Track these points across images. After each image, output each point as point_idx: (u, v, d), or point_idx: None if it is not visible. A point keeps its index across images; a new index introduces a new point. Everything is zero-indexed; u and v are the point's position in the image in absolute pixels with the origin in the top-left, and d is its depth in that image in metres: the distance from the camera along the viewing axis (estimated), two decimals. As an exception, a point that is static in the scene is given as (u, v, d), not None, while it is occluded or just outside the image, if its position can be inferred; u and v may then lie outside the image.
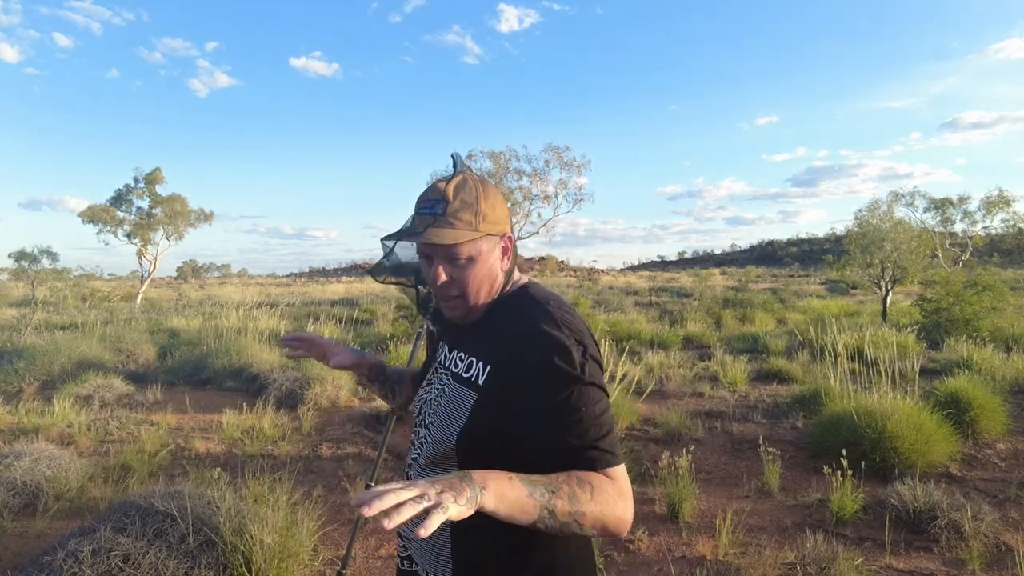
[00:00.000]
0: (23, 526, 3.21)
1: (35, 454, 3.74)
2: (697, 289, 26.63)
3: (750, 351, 9.23)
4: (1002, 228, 23.86)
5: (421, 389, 1.13)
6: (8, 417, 5.21)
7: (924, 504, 3.18)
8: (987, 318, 9.37)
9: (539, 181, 18.79)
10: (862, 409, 4.17)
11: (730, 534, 2.99)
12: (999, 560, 2.84)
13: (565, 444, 0.87)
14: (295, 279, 63.52)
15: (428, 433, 1.03)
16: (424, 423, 1.06)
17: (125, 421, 5.21)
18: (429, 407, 1.06)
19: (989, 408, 4.70)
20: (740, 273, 44.84)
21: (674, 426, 4.86)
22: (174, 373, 7.41)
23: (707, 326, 12.56)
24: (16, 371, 6.92)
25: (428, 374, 1.15)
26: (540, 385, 0.89)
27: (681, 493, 3.39)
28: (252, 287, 28.28)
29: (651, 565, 2.88)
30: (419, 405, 1.10)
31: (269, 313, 10.18)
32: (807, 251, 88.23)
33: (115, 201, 20.55)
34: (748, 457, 4.38)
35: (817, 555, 2.75)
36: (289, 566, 2.61)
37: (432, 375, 1.12)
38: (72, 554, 2.34)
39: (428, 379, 1.13)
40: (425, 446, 1.03)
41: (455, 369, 1.03)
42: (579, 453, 0.87)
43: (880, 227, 14.40)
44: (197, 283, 43.94)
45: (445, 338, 1.13)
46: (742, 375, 7.04)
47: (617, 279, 42.86)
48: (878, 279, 14.60)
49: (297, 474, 3.95)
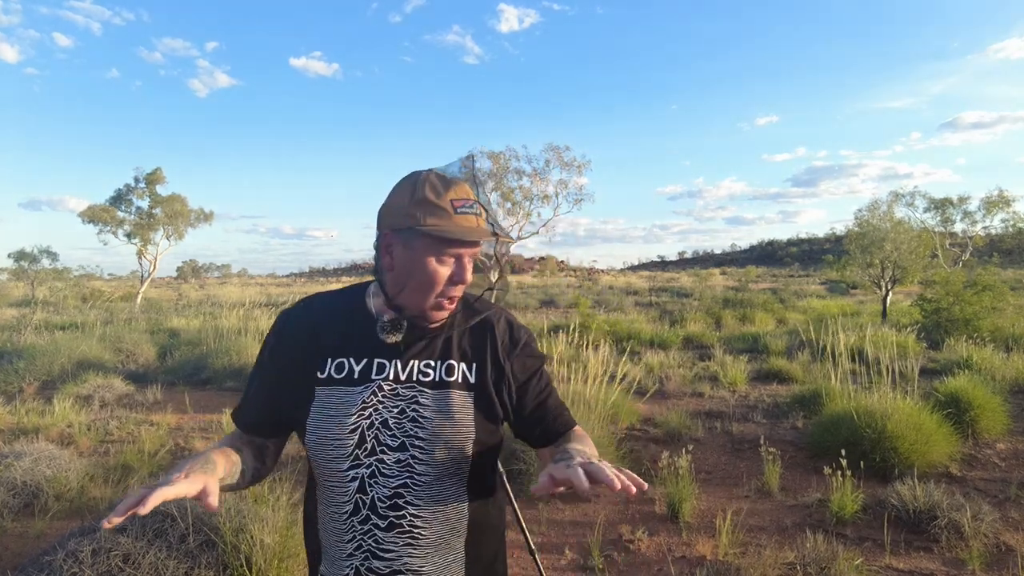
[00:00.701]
0: (23, 526, 3.21)
1: (35, 454, 3.74)
2: (697, 289, 26.65)
3: (750, 351, 9.24)
4: (1002, 228, 23.85)
5: (347, 415, 0.95)
6: (8, 417, 5.21)
7: (924, 504, 3.17)
8: (987, 318, 9.37)
9: (539, 181, 18.77)
10: (862, 409, 4.17)
11: (730, 534, 2.99)
12: (999, 560, 2.84)
13: (561, 408, 1.07)
14: (295, 279, 63.53)
15: (418, 450, 0.95)
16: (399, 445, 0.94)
17: (125, 421, 5.21)
18: (403, 424, 0.95)
19: (989, 408, 4.70)
20: (740, 273, 44.86)
21: (674, 426, 4.86)
22: (174, 373, 7.41)
23: (707, 326, 12.56)
24: (16, 371, 6.92)
25: (348, 399, 0.97)
26: (536, 362, 1.07)
27: (681, 493, 3.39)
28: (252, 287, 28.30)
29: (651, 565, 2.88)
30: (367, 428, 0.95)
31: (269, 313, 10.18)
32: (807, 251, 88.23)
33: (115, 201, 20.54)
34: (748, 457, 4.38)
35: (817, 555, 2.75)
36: (289, 566, 2.61)
37: (364, 395, 0.96)
38: (72, 554, 2.34)
39: (359, 401, 0.96)
40: (418, 464, 0.94)
41: (424, 379, 0.98)
42: (567, 413, 1.08)
43: (880, 227, 14.41)
44: (197, 283, 43.94)
45: (380, 352, 0.99)
46: (742, 375, 7.04)
47: (617, 279, 42.86)
48: (878, 279, 14.61)
49: (297, 474, 3.95)
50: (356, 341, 1.00)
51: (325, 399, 0.97)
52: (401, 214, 0.95)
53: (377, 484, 0.94)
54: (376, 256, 1.02)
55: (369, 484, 0.94)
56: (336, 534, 0.96)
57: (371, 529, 0.94)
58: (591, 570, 2.82)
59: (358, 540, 0.95)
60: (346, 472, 0.94)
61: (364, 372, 0.98)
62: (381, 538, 0.94)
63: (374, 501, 0.94)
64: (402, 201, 0.96)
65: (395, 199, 0.97)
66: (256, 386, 1.06)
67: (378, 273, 1.02)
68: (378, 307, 1.03)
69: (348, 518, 0.95)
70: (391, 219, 0.97)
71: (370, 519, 0.94)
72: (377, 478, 0.94)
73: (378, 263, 1.01)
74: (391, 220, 0.97)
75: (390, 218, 0.97)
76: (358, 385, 0.97)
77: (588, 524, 3.29)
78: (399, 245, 0.96)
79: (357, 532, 0.95)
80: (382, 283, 1.01)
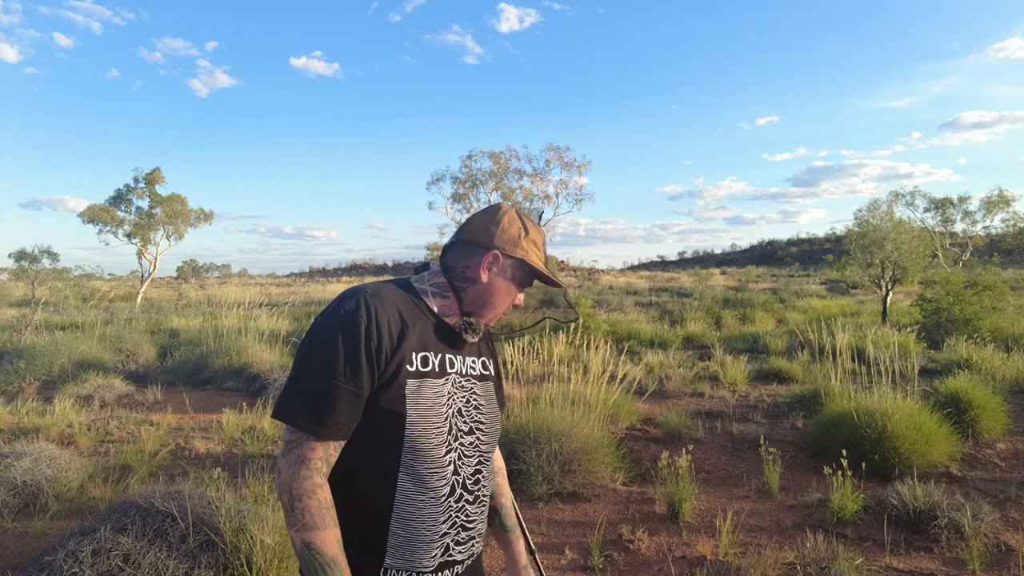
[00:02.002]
0: (23, 526, 3.21)
1: (35, 454, 3.75)
2: (697, 289, 26.66)
3: (750, 351, 9.24)
4: (1002, 228, 23.89)
5: (440, 405, 1.06)
6: (8, 417, 5.21)
7: (924, 504, 3.18)
8: (987, 318, 9.38)
9: (540, 181, 18.82)
10: (862, 409, 4.17)
11: (730, 534, 2.99)
12: (999, 560, 2.84)
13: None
14: (295, 279, 63.51)
15: (481, 432, 1.13)
16: (469, 430, 1.11)
17: (125, 421, 5.21)
18: (471, 412, 1.12)
19: (989, 408, 4.70)
20: (740, 273, 44.89)
21: (674, 426, 4.86)
22: (174, 373, 7.42)
23: (707, 326, 12.57)
24: (16, 371, 6.92)
25: (438, 390, 1.07)
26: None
27: (681, 493, 3.39)
28: (252, 287, 28.30)
29: (651, 565, 2.88)
30: (452, 416, 1.07)
31: (269, 313, 10.18)
32: (807, 251, 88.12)
33: (115, 201, 20.56)
34: (748, 457, 4.38)
35: (817, 555, 2.75)
36: (290, 566, 2.60)
37: (447, 387, 1.08)
38: (72, 554, 2.34)
39: (446, 392, 1.07)
40: (483, 444, 1.13)
41: (474, 372, 1.15)
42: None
43: (880, 227, 14.42)
44: (197, 283, 43.95)
45: (447, 348, 1.10)
46: (742, 375, 7.04)
47: (617, 279, 42.87)
48: (878, 279, 14.61)
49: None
50: (430, 337, 1.08)
51: (418, 391, 1.03)
52: (514, 244, 1.11)
53: (464, 465, 1.08)
54: (455, 263, 1.13)
55: (459, 465, 1.07)
56: (431, 517, 1.03)
57: (463, 505, 1.08)
58: (591, 570, 2.82)
59: (452, 518, 1.06)
60: (444, 457, 1.05)
61: (442, 365, 1.08)
62: (470, 511, 1.09)
63: (464, 480, 1.08)
64: (513, 233, 1.11)
65: (509, 228, 1.11)
66: (345, 388, 0.96)
67: (453, 278, 1.13)
68: (441, 307, 1.12)
69: (446, 499, 1.05)
70: (504, 244, 1.10)
71: (463, 496, 1.08)
72: (463, 459, 1.08)
73: (455, 270, 1.13)
74: (504, 245, 1.10)
75: (502, 243, 1.10)
76: (440, 377, 1.07)
77: (588, 524, 3.29)
78: (498, 268, 1.11)
79: (452, 510, 1.06)
80: (456, 288, 1.12)
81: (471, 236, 1.12)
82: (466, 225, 1.15)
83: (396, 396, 1.00)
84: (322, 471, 0.96)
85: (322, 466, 0.96)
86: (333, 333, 0.97)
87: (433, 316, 1.10)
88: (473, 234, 1.12)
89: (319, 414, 0.94)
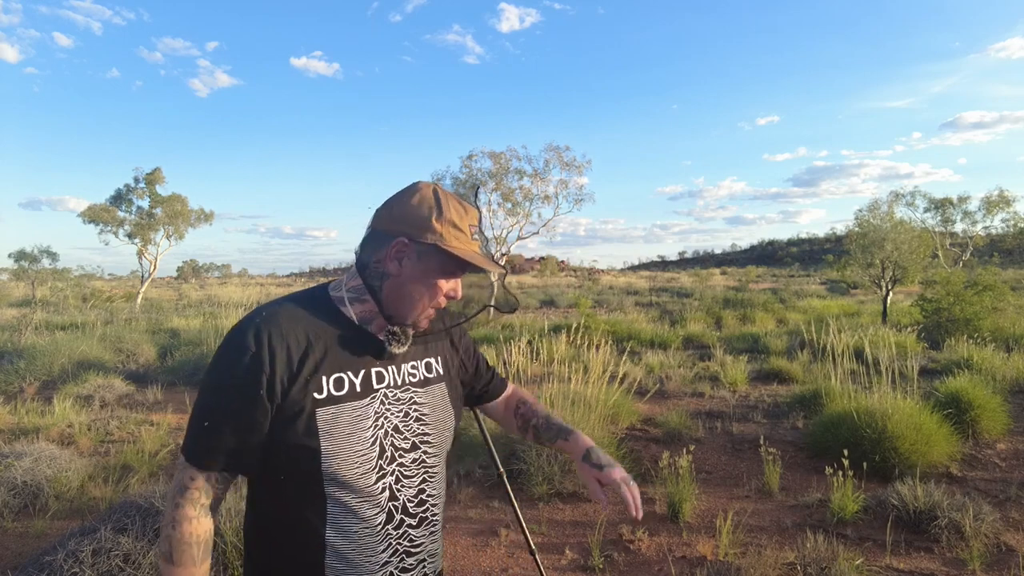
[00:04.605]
0: (23, 526, 3.21)
1: (35, 454, 3.75)
2: (697, 289, 26.66)
3: (750, 351, 9.23)
4: (1002, 228, 23.87)
5: (364, 429, 0.95)
6: (8, 417, 5.21)
7: (924, 504, 3.17)
8: (987, 318, 9.37)
9: (539, 181, 18.78)
10: (862, 409, 4.16)
11: (730, 534, 2.99)
12: (999, 560, 2.84)
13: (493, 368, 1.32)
14: (295, 279, 63.53)
15: (428, 445, 1.04)
16: (411, 446, 1.00)
17: (125, 421, 5.21)
18: (410, 425, 1.01)
19: (989, 408, 4.70)
20: (740, 273, 44.88)
21: (674, 426, 4.86)
22: (174, 373, 7.41)
23: (707, 326, 12.56)
24: (16, 371, 6.92)
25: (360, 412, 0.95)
26: (469, 339, 1.25)
27: (681, 493, 3.39)
28: (252, 287, 28.29)
29: (651, 565, 2.88)
30: (384, 437, 0.97)
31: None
32: (807, 251, 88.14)
33: (115, 201, 20.56)
34: (748, 457, 4.38)
35: (817, 555, 2.75)
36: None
37: (374, 406, 0.97)
38: (72, 554, 2.34)
39: (372, 412, 0.96)
40: (430, 459, 1.04)
41: (413, 379, 1.05)
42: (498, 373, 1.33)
43: (881, 227, 14.41)
44: (197, 283, 43.94)
45: (374, 361, 0.99)
46: (742, 375, 7.03)
47: (617, 279, 42.86)
48: (878, 279, 14.61)
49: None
50: (345, 353, 0.96)
51: (334, 420, 0.92)
52: (423, 227, 0.94)
53: (403, 487, 0.99)
54: (368, 258, 0.98)
55: (397, 490, 0.98)
56: (368, 548, 0.95)
57: (405, 531, 0.99)
58: (591, 570, 2.82)
59: (394, 545, 0.98)
60: (375, 485, 0.95)
61: (365, 383, 0.97)
62: (414, 536, 1.01)
63: (404, 504, 0.99)
64: (423, 214, 0.94)
65: (414, 210, 0.95)
66: (229, 417, 0.90)
67: (368, 277, 0.98)
68: (360, 314, 0.99)
69: (382, 527, 0.96)
70: (409, 228, 0.94)
71: (404, 521, 0.99)
72: (402, 481, 0.99)
73: (369, 267, 0.98)
74: (409, 229, 0.94)
75: (407, 227, 0.94)
76: (363, 397, 0.96)
77: (588, 524, 3.29)
78: (412, 256, 0.95)
79: (392, 538, 0.97)
80: (373, 288, 0.98)
81: (379, 224, 0.98)
82: (377, 212, 1.00)
83: (305, 429, 0.90)
84: (199, 502, 0.90)
85: (200, 496, 0.90)
86: (221, 367, 0.91)
87: (351, 328, 0.98)
88: (380, 221, 0.98)
89: (202, 446, 0.90)
